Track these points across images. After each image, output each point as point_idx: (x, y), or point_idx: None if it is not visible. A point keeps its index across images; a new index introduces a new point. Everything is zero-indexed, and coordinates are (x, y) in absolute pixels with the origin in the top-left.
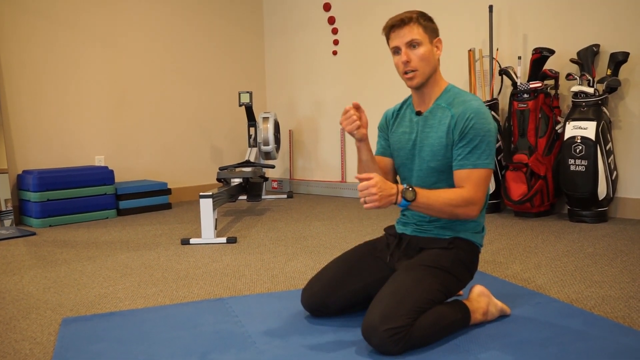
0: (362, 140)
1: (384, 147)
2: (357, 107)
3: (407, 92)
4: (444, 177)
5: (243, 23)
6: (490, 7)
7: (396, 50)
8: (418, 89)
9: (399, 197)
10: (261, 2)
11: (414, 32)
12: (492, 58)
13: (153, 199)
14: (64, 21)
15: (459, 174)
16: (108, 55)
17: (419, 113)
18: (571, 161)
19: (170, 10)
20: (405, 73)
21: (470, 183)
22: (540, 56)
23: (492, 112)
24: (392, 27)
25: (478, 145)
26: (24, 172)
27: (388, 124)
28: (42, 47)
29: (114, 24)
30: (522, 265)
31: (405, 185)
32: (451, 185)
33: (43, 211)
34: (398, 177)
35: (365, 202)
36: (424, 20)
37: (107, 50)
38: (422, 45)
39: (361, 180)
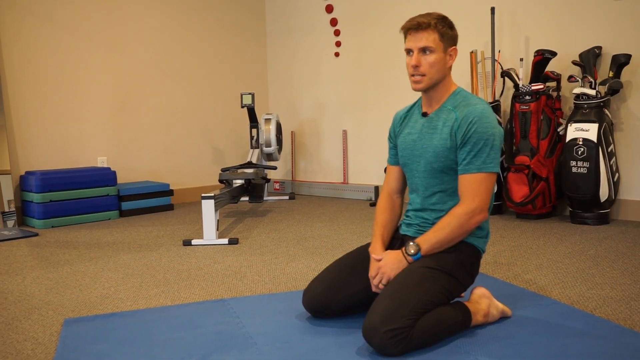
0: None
1: (395, 156)
2: None
3: (410, 93)
4: (446, 179)
5: (245, 24)
6: (492, 9)
7: (409, 52)
8: (425, 91)
9: (408, 258)
10: (263, 3)
11: (430, 38)
12: (494, 60)
13: (155, 200)
14: (66, 24)
15: (463, 178)
16: (111, 57)
17: (424, 114)
18: (573, 163)
19: (172, 14)
20: (413, 75)
21: (471, 190)
22: (542, 58)
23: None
24: (410, 29)
25: (482, 149)
26: (27, 173)
27: (395, 130)
28: (45, 49)
29: (116, 27)
30: (523, 266)
31: (405, 245)
32: (453, 186)
33: (45, 212)
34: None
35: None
36: (443, 27)
37: (109, 52)
38: (434, 52)
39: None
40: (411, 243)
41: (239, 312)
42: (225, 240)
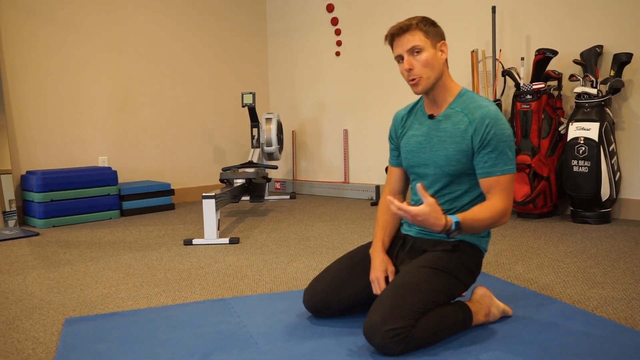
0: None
1: (397, 157)
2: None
3: (411, 92)
4: (455, 181)
5: (246, 24)
6: (493, 8)
7: (399, 59)
8: (426, 93)
9: (444, 230)
10: (264, 2)
11: (415, 38)
12: (495, 59)
13: (156, 200)
14: (67, 24)
15: (487, 182)
16: (111, 57)
17: (431, 116)
18: (574, 162)
19: (173, 13)
20: (410, 80)
21: (500, 190)
22: (543, 57)
23: None
24: (393, 35)
25: (503, 151)
26: (28, 172)
27: (397, 131)
28: (46, 49)
29: (117, 27)
30: (524, 266)
31: (454, 224)
32: (462, 188)
33: (46, 212)
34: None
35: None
36: (425, 25)
37: (110, 52)
38: (424, 50)
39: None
40: (459, 227)
41: (240, 312)
42: (226, 240)
